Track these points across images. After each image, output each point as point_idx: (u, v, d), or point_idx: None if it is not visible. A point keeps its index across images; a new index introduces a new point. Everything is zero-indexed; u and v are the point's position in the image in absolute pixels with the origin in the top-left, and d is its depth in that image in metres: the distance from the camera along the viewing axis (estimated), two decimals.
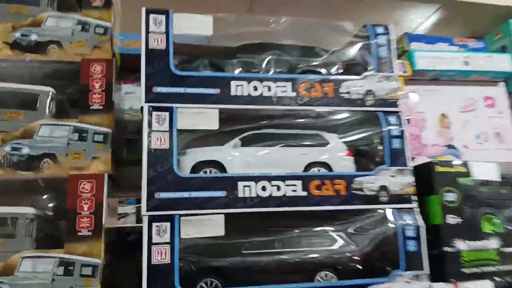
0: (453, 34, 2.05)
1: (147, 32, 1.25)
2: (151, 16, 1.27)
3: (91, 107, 1.26)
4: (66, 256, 1.12)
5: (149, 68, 1.22)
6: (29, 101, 1.28)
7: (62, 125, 1.24)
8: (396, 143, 1.36)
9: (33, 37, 1.31)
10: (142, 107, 1.21)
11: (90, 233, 1.15)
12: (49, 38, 1.31)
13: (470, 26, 2.08)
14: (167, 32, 1.27)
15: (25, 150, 1.20)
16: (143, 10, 1.27)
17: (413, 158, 1.72)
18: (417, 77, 1.89)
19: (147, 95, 1.21)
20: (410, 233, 1.29)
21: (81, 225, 1.15)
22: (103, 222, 1.16)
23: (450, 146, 1.90)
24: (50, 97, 1.29)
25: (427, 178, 1.38)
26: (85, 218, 1.16)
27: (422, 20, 2.08)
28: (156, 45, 1.24)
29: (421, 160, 1.79)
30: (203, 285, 1.18)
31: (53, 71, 1.31)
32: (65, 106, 1.30)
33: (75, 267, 1.12)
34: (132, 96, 1.59)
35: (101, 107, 1.26)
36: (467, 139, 1.89)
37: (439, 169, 1.38)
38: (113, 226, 1.42)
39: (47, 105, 1.29)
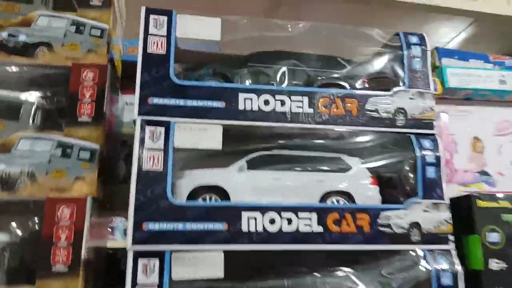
0: (487, 51, 1.77)
1: (146, 34, 1.02)
2: (152, 17, 1.03)
3: (79, 119, 1.02)
4: None
5: (145, 75, 0.98)
6: (11, 109, 1.05)
7: (44, 139, 1.00)
8: (430, 172, 1.07)
9: (22, 38, 1.08)
10: (134, 120, 0.97)
11: (66, 269, 0.90)
12: (39, 39, 1.09)
13: (506, 42, 1.79)
14: (168, 36, 1.03)
15: (1, 167, 0.97)
16: (143, 9, 1.03)
17: None
18: (448, 96, 1.63)
19: (141, 107, 0.97)
20: (446, 280, 1.00)
21: (56, 258, 0.91)
22: (82, 255, 0.91)
23: (483, 173, 1.61)
24: (35, 106, 1.06)
25: (466, 214, 1.10)
26: (61, 249, 0.91)
27: (455, 34, 1.80)
28: (156, 49, 1.00)
29: (451, 188, 1.51)
30: None
31: (41, 77, 1.08)
32: (53, 117, 1.07)
33: None
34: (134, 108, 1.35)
35: (90, 119, 1.02)
36: (502, 165, 1.61)
37: (481, 203, 1.09)
38: (102, 247, 1.17)
39: (31, 115, 1.05)
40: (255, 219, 0.97)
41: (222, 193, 1.01)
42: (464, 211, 1.09)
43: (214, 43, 1.06)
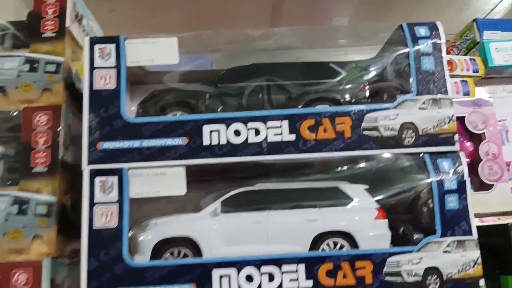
0: None
1: (91, 67, 0.88)
2: (97, 46, 0.90)
3: (33, 170, 0.92)
4: None
5: (93, 117, 0.85)
6: None
7: (0, 195, 0.92)
8: (452, 201, 0.85)
9: None
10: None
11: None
12: None
13: None
14: (118, 66, 0.89)
15: None
16: (86, 40, 0.90)
17: (492, 186, 1.19)
18: (494, 76, 1.36)
19: (90, 154, 0.84)
20: None
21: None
22: None
23: None
24: None
25: (504, 248, 0.86)
26: None
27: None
28: (103, 85, 0.87)
29: (503, 188, 1.25)
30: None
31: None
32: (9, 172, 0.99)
33: None
34: None
35: (46, 169, 0.92)
36: None
37: None
38: None
39: None
40: (229, 277, 0.82)
41: (193, 245, 0.87)
42: (501, 244, 0.86)
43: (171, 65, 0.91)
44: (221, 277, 0.82)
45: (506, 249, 0.86)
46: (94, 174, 0.85)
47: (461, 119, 1.29)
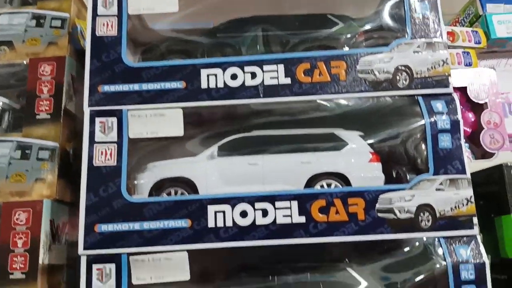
0: None
1: (94, 15, 0.93)
2: None
3: (37, 117, 0.96)
4: None
5: (95, 62, 0.90)
6: None
7: (4, 141, 0.96)
8: (445, 141, 0.87)
9: None
10: None
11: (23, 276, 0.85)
12: (0, 39, 1.05)
13: None
14: (119, 14, 0.93)
15: None
16: None
17: (494, 154, 1.20)
18: (496, 49, 1.39)
19: (91, 97, 0.88)
20: (468, 274, 0.80)
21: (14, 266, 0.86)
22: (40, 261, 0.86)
23: None
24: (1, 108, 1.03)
25: (498, 189, 0.87)
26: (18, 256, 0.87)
27: None
28: (106, 31, 0.91)
29: (504, 157, 1.26)
30: None
31: (3, 78, 1.05)
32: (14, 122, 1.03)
33: None
34: None
35: (49, 116, 0.96)
36: None
37: None
38: None
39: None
40: (223, 212, 0.84)
41: (190, 186, 0.90)
42: (495, 185, 0.88)
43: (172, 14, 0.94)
44: (216, 212, 0.84)
45: (500, 189, 0.87)
46: (94, 115, 0.88)
47: (463, 89, 1.30)
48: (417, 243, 0.84)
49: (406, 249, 0.84)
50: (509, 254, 0.85)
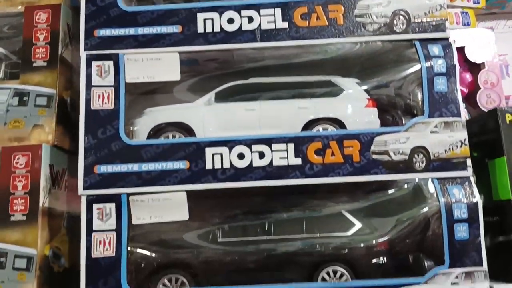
0: None
1: None
2: None
3: (34, 64, 0.97)
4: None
5: (90, 6, 0.89)
6: None
7: (1, 88, 0.97)
8: (440, 84, 0.88)
9: None
10: None
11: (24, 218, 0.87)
12: None
13: None
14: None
15: None
16: None
17: None
18: (495, 10, 1.39)
19: (87, 41, 0.88)
20: (460, 213, 0.83)
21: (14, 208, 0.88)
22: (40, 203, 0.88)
23: None
24: None
25: (492, 133, 0.89)
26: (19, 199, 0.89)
27: None
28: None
29: None
30: (166, 282, 0.85)
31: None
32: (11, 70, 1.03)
33: (7, 258, 0.86)
34: None
35: (45, 64, 0.96)
36: None
37: (511, 118, 0.88)
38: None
39: None
40: (221, 155, 0.86)
41: (188, 130, 0.91)
42: (490, 130, 0.89)
43: None
44: (213, 155, 0.86)
45: (495, 133, 0.88)
46: (91, 58, 0.89)
47: (461, 50, 1.30)
48: (410, 184, 0.85)
49: (399, 189, 0.85)
50: (501, 196, 0.87)
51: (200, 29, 0.89)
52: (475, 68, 1.30)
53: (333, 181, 0.84)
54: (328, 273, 0.85)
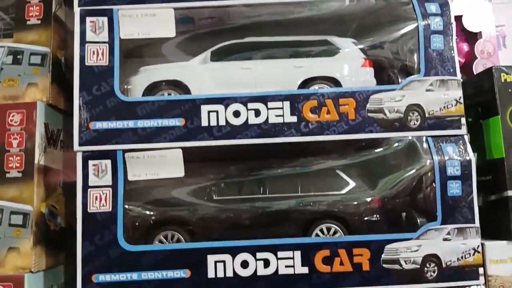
0: None
1: None
2: None
3: (27, 22, 0.95)
4: None
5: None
6: None
7: None
8: (437, 42, 0.88)
9: None
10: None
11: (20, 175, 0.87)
12: None
13: None
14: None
15: None
16: None
17: None
18: None
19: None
20: (454, 170, 0.83)
21: (9, 165, 0.88)
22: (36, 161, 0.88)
23: None
24: None
25: (486, 94, 0.89)
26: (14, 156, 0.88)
27: None
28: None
29: None
30: (162, 238, 0.86)
31: None
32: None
33: (3, 215, 0.86)
34: None
35: (39, 22, 0.95)
36: None
37: (506, 77, 0.88)
38: None
39: None
40: (216, 112, 0.86)
41: (183, 89, 0.91)
42: (485, 90, 0.89)
43: None
44: (209, 112, 0.86)
45: (490, 92, 0.88)
46: (84, 14, 0.87)
47: (458, 19, 1.29)
48: (404, 141, 0.85)
49: (393, 147, 0.86)
50: (494, 154, 0.87)
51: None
52: (471, 38, 1.30)
53: (328, 139, 0.84)
54: (321, 230, 0.86)
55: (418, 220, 0.83)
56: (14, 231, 0.85)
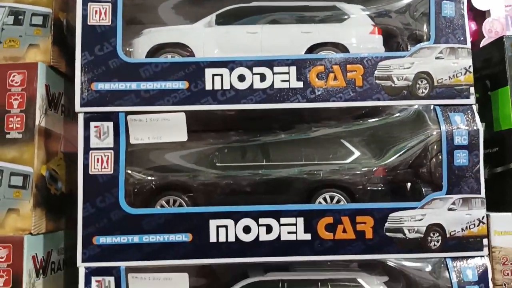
0: None
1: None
2: None
3: None
4: None
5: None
6: None
7: None
8: (447, 9, 0.85)
9: None
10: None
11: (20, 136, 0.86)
12: None
13: None
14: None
15: None
16: None
17: None
18: None
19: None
20: (461, 139, 0.82)
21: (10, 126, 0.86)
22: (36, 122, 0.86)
23: None
24: None
25: (495, 64, 0.87)
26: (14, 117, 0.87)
27: None
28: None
29: None
30: (164, 203, 0.84)
31: None
32: None
33: (3, 176, 0.85)
34: None
35: None
36: None
37: None
38: None
39: None
40: (221, 76, 0.83)
41: (187, 52, 0.88)
42: (494, 62, 0.87)
43: None
44: (213, 75, 0.84)
45: (500, 62, 0.86)
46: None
47: None
48: (411, 109, 0.84)
49: (400, 114, 0.84)
50: (502, 126, 0.86)
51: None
52: (479, 17, 1.27)
53: (335, 106, 0.82)
54: (325, 199, 0.84)
55: (423, 190, 0.82)
56: (14, 192, 0.83)
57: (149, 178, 0.85)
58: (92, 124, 0.81)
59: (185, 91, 0.82)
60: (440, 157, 0.81)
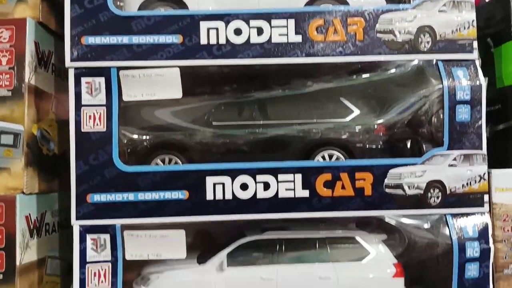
0: None
1: None
2: None
3: None
4: None
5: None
6: None
7: None
8: None
9: None
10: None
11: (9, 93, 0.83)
12: None
13: None
14: None
15: None
16: None
17: None
18: None
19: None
20: (463, 95, 0.79)
21: None
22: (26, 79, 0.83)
23: None
24: None
25: (498, 21, 0.84)
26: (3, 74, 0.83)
27: None
28: None
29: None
30: (159, 162, 0.82)
31: None
32: None
33: None
34: None
35: None
36: None
37: None
38: None
39: None
40: (216, 29, 0.80)
41: (180, 5, 0.85)
42: (498, 16, 0.83)
43: None
44: (208, 29, 0.81)
45: (504, 15, 0.83)
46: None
47: None
48: (413, 64, 0.81)
49: (400, 71, 0.81)
50: (505, 82, 0.83)
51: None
52: None
53: (335, 61, 0.79)
54: (323, 157, 0.82)
55: (424, 147, 0.80)
56: (5, 151, 0.81)
57: (144, 137, 0.83)
58: (83, 79, 0.78)
59: (179, 45, 0.79)
60: (441, 113, 0.78)
